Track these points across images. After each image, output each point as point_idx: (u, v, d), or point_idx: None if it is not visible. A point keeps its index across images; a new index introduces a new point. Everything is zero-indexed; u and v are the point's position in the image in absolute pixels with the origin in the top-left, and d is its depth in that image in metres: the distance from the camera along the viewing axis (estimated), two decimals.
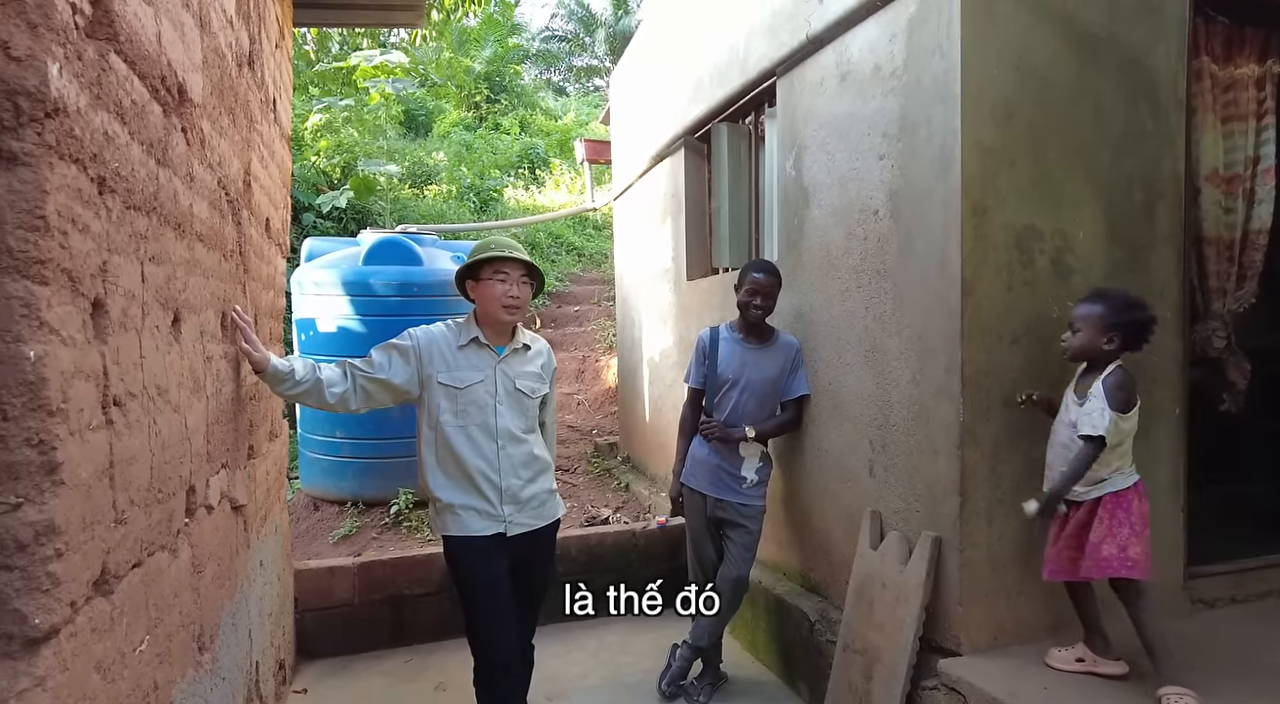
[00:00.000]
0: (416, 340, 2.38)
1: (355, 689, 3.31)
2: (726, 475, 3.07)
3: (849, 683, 2.70)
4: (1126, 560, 2.10)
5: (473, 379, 2.37)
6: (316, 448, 5.09)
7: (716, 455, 3.08)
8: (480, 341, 2.40)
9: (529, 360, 2.49)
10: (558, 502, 2.58)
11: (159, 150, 1.43)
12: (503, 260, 2.39)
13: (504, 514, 2.38)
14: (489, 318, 2.41)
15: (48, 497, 0.95)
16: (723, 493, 3.07)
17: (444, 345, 2.39)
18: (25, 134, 0.91)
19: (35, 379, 0.93)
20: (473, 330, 2.42)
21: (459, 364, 2.38)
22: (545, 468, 2.50)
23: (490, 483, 2.36)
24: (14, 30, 0.89)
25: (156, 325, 1.43)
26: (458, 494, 2.36)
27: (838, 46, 2.94)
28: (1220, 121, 2.82)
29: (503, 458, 2.38)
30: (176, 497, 1.56)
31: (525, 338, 2.51)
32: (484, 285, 2.39)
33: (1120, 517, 2.14)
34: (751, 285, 3.01)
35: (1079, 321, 2.19)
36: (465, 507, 2.36)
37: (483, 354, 2.41)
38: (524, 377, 2.45)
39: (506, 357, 2.43)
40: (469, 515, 2.36)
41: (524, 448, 2.42)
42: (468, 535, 2.36)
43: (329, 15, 3.97)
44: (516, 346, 2.46)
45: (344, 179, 9.25)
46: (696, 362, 3.18)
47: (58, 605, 0.97)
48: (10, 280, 0.90)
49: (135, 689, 1.27)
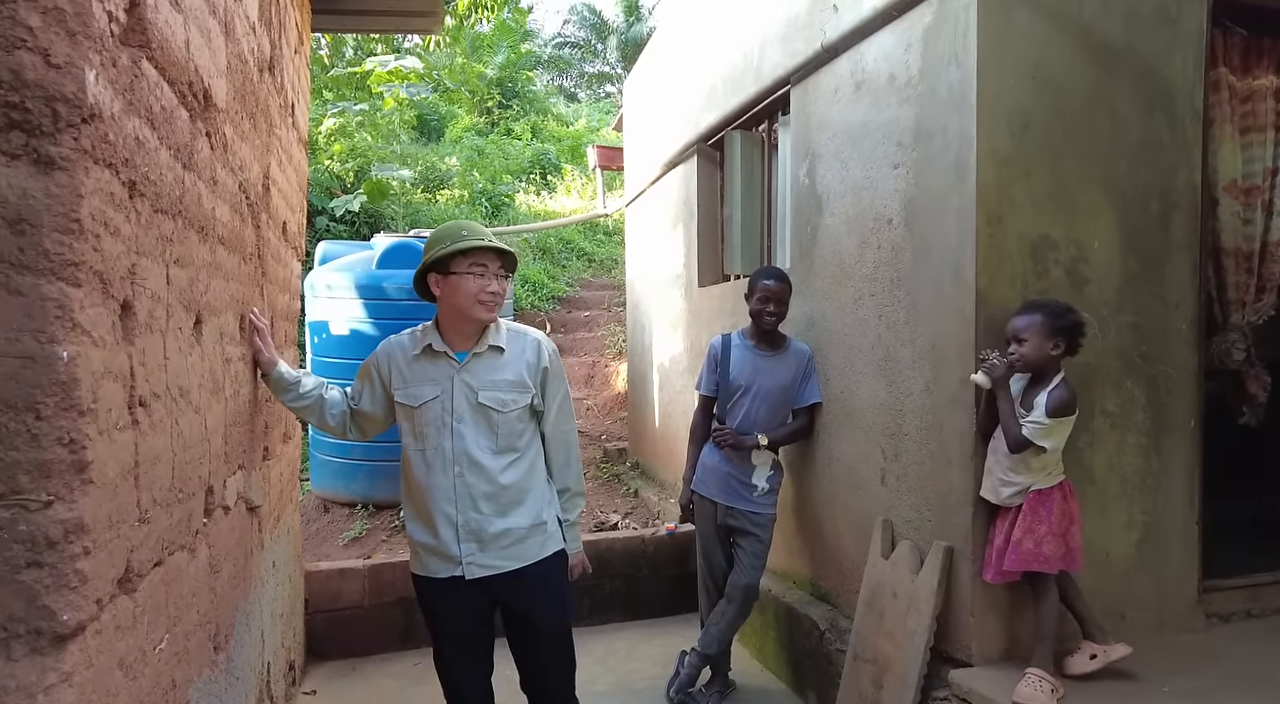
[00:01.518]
0: (376, 357, 2.13)
1: (364, 691, 3.32)
2: (737, 483, 3.05)
3: (859, 692, 2.68)
4: (1040, 556, 2.22)
5: (428, 394, 2.05)
6: (328, 450, 5.11)
7: (728, 463, 3.06)
8: (434, 349, 2.07)
9: (501, 366, 2.09)
10: (550, 536, 2.15)
11: (185, 155, 1.45)
12: (480, 251, 2.02)
13: (459, 554, 2.05)
14: (459, 317, 2.05)
15: (77, 495, 0.97)
16: (734, 501, 3.06)
17: (400, 357, 2.10)
18: (63, 139, 0.93)
19: (68, 379, 0.94)
20: (428, 336, 2.08)
21: (413, 377, 2.08)
22: (526, 497, 2.10)
23: (445, 517, 2.04)
24: (54, 38, 0.92)
25: (179, 327, 1.45)
26: (417, 529, 2.10)
27: (853, 55, 2.95)
28: (1238, 132, 2.81)
29: (459, 487, 2.04)
30: (196, 497, 1.57)
31: (498, 338, 2.11)
32: (456, 281, 2.01)
33: (1041, 513, 2.24)
34: (763, 293, 2.99)
35: (1023, 332, 2.24)
36: (422, 544, 2.08)
37: (439, 364, 2.07)
38: (491, 387, 2.06)
39: (468, 364, 2.07)
40: (426, 554, 2.08)
41: (486, 474, 2.05)
42: (425, 576, 2.10)
43: (347, 21, 4.01)
44: (481, 351, 2.08)
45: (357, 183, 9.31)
46: (708, 369, 3.16)
47: (85, 602, 0.98)
48: (46, 282, 0.92)
49: (155, 686, 1.29)
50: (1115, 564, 2.50)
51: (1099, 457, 2.48)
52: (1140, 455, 2.54)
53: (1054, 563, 2.23)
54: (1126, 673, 2.30)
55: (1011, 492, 2.27)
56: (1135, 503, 2.54)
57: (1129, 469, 2.53)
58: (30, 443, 0.92)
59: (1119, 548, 2.51)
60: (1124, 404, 2.51)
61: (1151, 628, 2.54)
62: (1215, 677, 2.28)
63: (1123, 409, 2.51)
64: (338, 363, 4.85)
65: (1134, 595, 2.53)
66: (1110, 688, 2.24)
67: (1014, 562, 2.24)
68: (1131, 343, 2.52)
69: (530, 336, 2.18)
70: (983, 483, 2.35)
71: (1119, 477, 2.51)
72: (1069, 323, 2.24)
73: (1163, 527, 2.57)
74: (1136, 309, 2.51)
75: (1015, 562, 2.24)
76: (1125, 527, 2.52)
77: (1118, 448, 2.49)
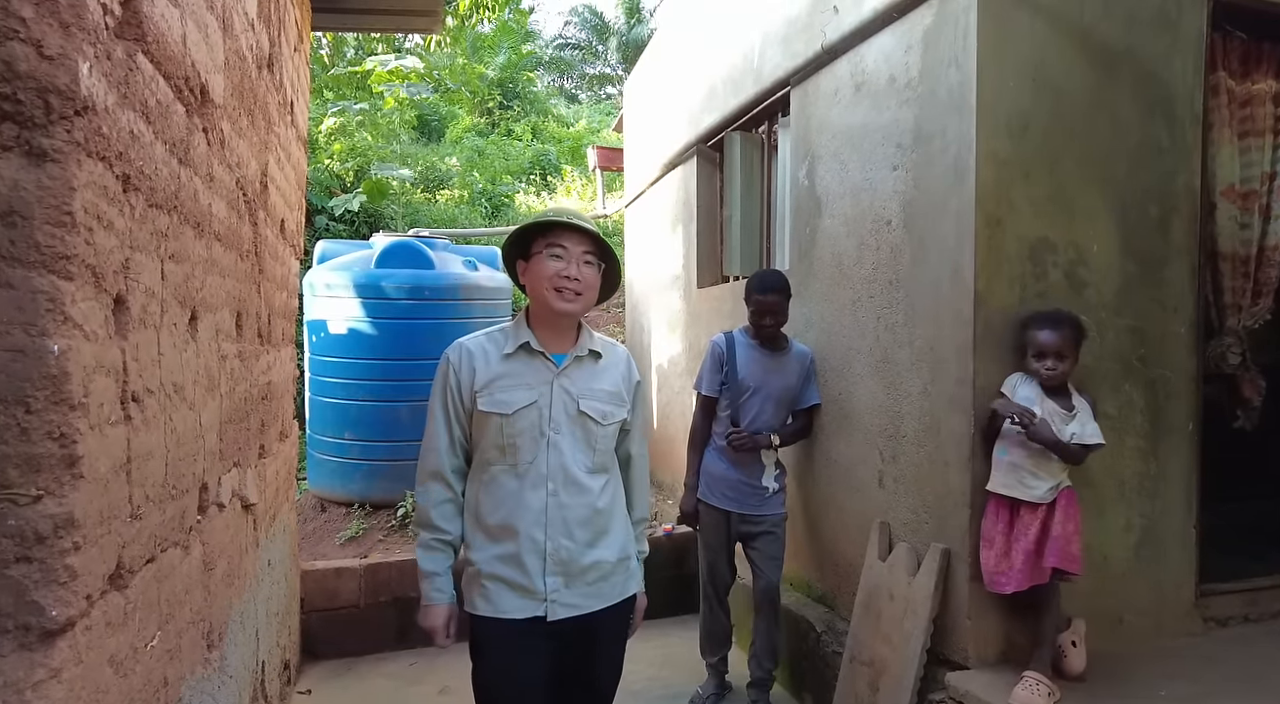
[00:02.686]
0: (450, 371, 1.79)
1: (359, 691, 3.31)
2: (748, 488, 2.99)
3: (855, 695, 2.68)
4: (1070, 555, 2.21)
5: (522, 400, 1.75)
6: (325, 449, 5.10)
7: (735, 469, 2.98)
8: (532, 347, 1.78)
9: (600, 373, 1.84)
10: (631, 573, 1.89)
11: (181, 150, 1.45)
12: (560, 229, 1.76)
13: (544, 590, 1.74)
14: (542, 308, 1.78)
15: (67, 490, 0.96)
16: (748, 507, 2.99)
17: (482, 358, 1.79)
18: (55, 131, 0.93)
19: (58, 373, 0.94)
20: (522, 333, 1.80)
21: (503, 381, 1.76)
22: (612, 525, 1.83)
23: (533, 544, 1.73)
24: (47, 29, 0.91)
25: (174, 323, 1.44)
26: (490, 558, 1.75)
27: (853, 57, 2.95)
28: (1237, 137, 2.81)
29: (552, 509, 1.74)
30: (190, 493, 1.57)
31: (594, 343, 1.86)
32: (534, 263, 1.77)
33: (1072, 512, 2.25)
34: (758, 306, 2.93)
35: (1066, 349, 2.23)
36: (498, 577, 1.74)
37: (536, 365, 1.78)
38: (592, 396, 1.80)
39: (567, 367, 1.80)
40: (499, 590, 1.74)
41: (586, 497, 1.78)
42: (497, 617, 1.74)
43: (347, 20, 4.01)
44: (581, 354, 1.82)
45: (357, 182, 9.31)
46: (711, 368, 3.04)
47: (74, 598, 0.98)
48: (37, 275, 0.92)
49: (146, 684, 1.28)
50: (1113, 568, 2.50)
51: (1096, 459, 2.47)
52: (1138, 458, 2.54)
53: (1079, 564, 2.23)
54: (1124, 676, 2.29)
55: (1047, 488, 2.23)
56: (1133, 506, 2.53)
57: (1127, 472, 2.52)
58: (20, 437, 0.91)
59: (1116, 551, 2.51)
60: (1122, 407, 2.51)
61: (1149, 632, 2.53)
62: (1212, 681, 2.28)
63: (1121, 412, 2.51)
64: (335, 362, 4.84)
65: (1131, 599, 2.53)
66: (1106, 691, 2.23)
67: (1062, 561, 2.18)
68: (1130, 346, 2.51)
69: (619, 349, 1.95)
70: (999, 479, 2.28)
71: (1117, 480, 2.50)
72: (1084, 333, 2.30)
73: (1160, 530, 2.57)
74: (1135, 312, 2.51)
75: (1062, 560, 2.18)
76: (1123, 530, 2.52)
77: (1115, 451, 2.49)
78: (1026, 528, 2.23)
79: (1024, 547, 2.21)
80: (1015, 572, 2.22)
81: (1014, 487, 2.26)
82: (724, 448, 2.99)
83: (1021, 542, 2.23)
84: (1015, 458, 2.27)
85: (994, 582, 2.26)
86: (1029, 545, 2.21)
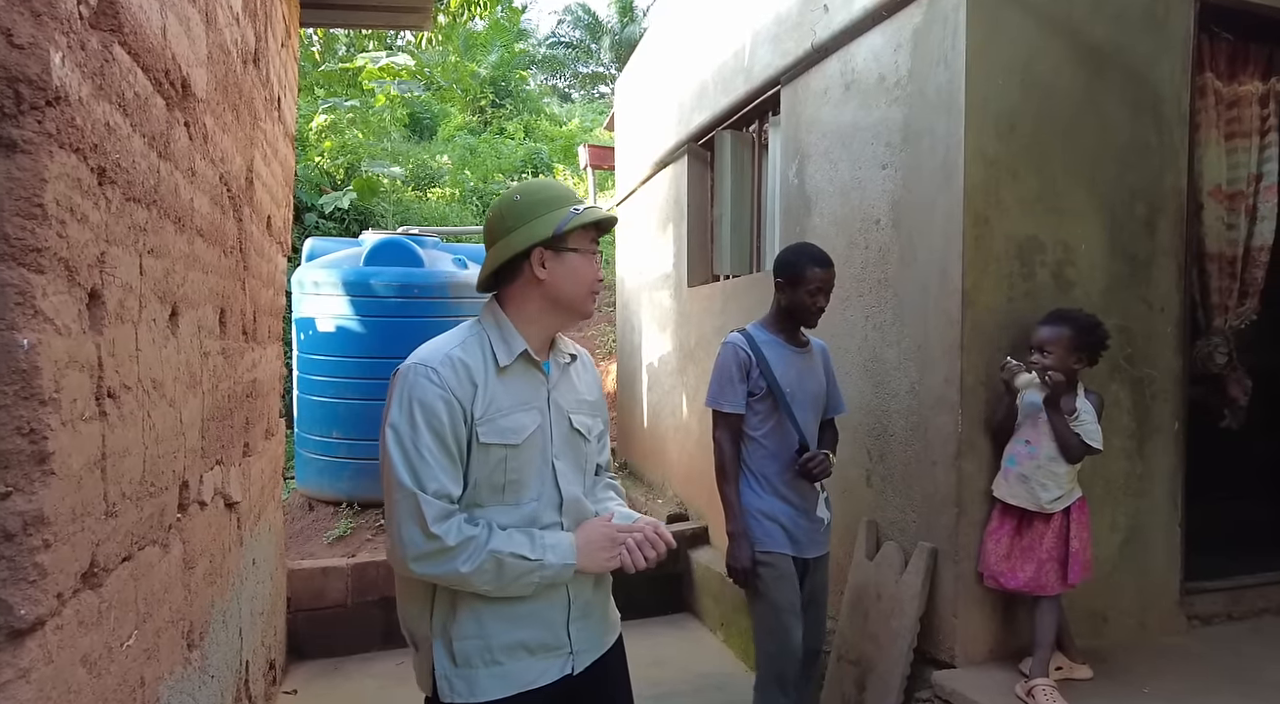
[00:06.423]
0: (437, 384, 1.34)
1: (346, 691, 3.29)
2: (809, 524, 2.36)
3: (842, 693, 2.68)
4: (1090, 565, 2.28)
5: (529, 425, 1.40)
6: (313, 448, 5.07)
7: (791, 505, 2.33)
8: (530, 358, 1.43)
9: (576, 380, 1.55)
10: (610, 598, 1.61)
11: (160, 143, 1.43)
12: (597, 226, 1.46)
13: (569, 640, 1.44)
14: (559, 311, 1.45)
15: (37, 486, 0.94)
16: (816, 548, 2.39)
17: (480, 376, 1.38)
18: (25, 122, 0.91)
19: (28, 367, 0.92)
20: (512, 337, 1.42)
21: (504, 402, 1.39)
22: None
23: (554, 593, 1.42)
24: (18, 18, 0.89)
25: (154, 318, 1.42)
26: (503, 624, 1.38)
27: (842, 56, 2.95)
28: (1224, 137, 2.82)
29: None
30: (169, 491, 1.55)
31: (569, 345, 1.57)
32: (575, 261, 1.42)
33: (1085, 521, 2.28)
34: (816, 282, 2.30)
35: (1049, 344, 2.22)
36: (510, 646, 1.38)
37: (531, 379, 1.44)
38: (578, 408, 1.51)
39: (555, 378, 1.49)
40: (516, 659, 1.39)
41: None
42: (520, 693, 1.39)
43: (336, 16, 3.99)
44: (563, 359, 1.52)
45: (347, 180, 9.27)
46: (735, 377, 2.33)
47: (44, 597, 0.96)
48: (6, 268, 0.90)
49: (122, 684, 1.26)
50: (1098, 567, 2.50)
51: (1084, 459, 2.48)
52: (1124, 458, 2.55)
53: (1091, 572, 2.27)
54: (1108, 674, 2.30)
55: (1057, 497, 2.23)
56: (1119, 506, 2.54)
57: (1113, 472, 2.53)
58: None
59: (1102, 550, 2.51)
60: (1109, 407, 2.51)
61: (1133, 630, 2.55)
62: (1196, 678, 2.29)
63: (1107, 412, 2.50)
64: (323, 360, 4.81)
65: (1116, 598, 2.54)
66: (1091, 688, 2.24)
67: (1085, 571, 2.25)
68: (1116, 345, 2.51)
69: (583, 349, 1.65)
70: (1008, 489, 2.28)
71: (1103, 479, 2.51)
72: (1097, 339, 2.25)
73: (1146, 530, 2.58)
74: (1122, 312, 2.52)
75: (1085, 571, 2.25)
76: (1109, 529, 2.52)
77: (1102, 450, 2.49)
78: (1040, 537, 2.25)
79: (1038, 556, 2.23)
80: (1023, 575, 2.24)
81: (1023, 498, 2.27)
82: (781, 476, 2.33)
83: (1035, 550, 2.24)
84: (1025, 469, 2.27)
85: (995, 577, 2.27)
86: (1043, 555, 2.23)
